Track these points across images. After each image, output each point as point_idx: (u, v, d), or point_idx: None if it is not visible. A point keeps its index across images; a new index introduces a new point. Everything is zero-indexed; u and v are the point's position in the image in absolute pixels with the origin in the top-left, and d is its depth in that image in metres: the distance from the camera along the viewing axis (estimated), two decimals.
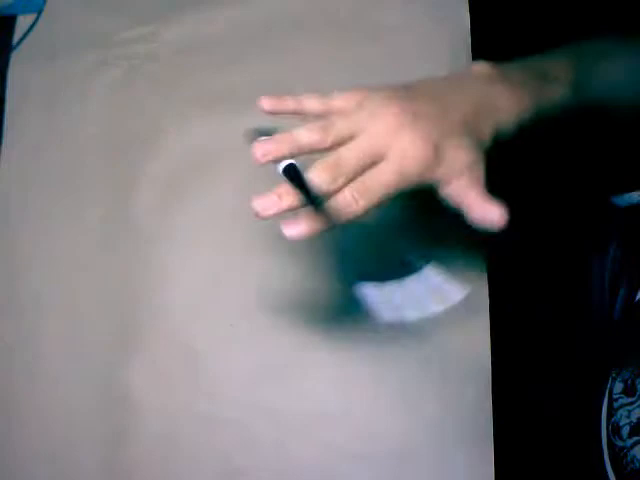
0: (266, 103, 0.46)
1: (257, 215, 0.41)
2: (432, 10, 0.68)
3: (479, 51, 0.66)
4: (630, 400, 0.51)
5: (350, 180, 0.41)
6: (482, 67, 0.46)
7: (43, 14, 0.72)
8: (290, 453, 0.57)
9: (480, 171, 0.42)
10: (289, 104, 0.46)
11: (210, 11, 0.70)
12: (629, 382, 0.52)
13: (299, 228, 0.40)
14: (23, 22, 0.71)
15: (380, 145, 0.41)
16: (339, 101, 0.45)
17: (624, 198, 0.72)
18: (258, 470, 0.56)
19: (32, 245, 0.64)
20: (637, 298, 0.61)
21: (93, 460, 0.58)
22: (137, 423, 0.58)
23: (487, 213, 0.41)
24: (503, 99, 0.43)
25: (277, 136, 0.43)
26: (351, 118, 0.43)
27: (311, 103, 0.45)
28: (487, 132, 0.42)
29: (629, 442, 0.50)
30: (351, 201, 0.40)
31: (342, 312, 0.59)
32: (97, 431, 0.58)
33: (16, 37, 0.71)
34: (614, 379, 0.55)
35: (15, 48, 0.70)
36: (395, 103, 0.42)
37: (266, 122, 0.65)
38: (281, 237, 0.46)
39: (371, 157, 0.41)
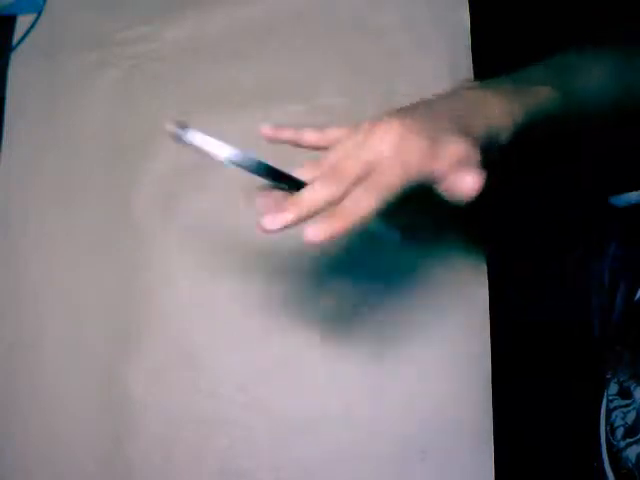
0: (266, 131, 0.48)
1: (264, 231, 0.41)
2: (432, 10, 0.68)
3: (479, 51, 0.66)
4: (625, 402, 0.51)
5: (351, 187, 0.41)
6: (471, 83, 0.48)
7: (43, 14, 0.72)
8: (290, 453, 0.57)
9: (473, 168, 0.42)
10: (288, 134, 0.48)
11: (210, 11, 0.70)
12: (624, 385, 0.52)
13: (319, 230, 0.39)
14: (23, 22, 0.71)
15: (376, 151, 0.41)
16: (335, 132, 0.46)
17: (623, 198, 0.72)
18: (258, 470, 0.56)
19: (32, 245, 0.64)
20: (636, 298, 0.61)
21: (93, 460, 0.58)
22: (137, 423, 0.58)
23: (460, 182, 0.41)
24: (492, 104, 0.45)
25: (291, 202, 0.41)
26: (347, 144, 0.43)
27: (309, 135, 0.47)
28: (479, 132, 0.43)
29: (622, 443, 0.50)
30: (362, 200, 0.40)
31: (343, 312, 0.59)
32: (97, 431, 0.59)
33: (16, 37, 0.71)
34: (609, 380, 0.55)
35: (15, 48, 0.70)
36: (386, 116, 0.43)
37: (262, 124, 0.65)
38: (280, 237, 0.47)
39: (368, 164, 0.41)
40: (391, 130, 0.41)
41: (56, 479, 0.58)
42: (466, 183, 0.41)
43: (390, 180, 0.41)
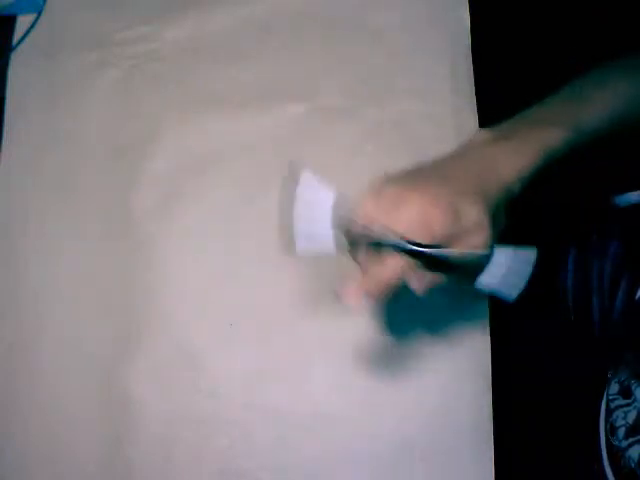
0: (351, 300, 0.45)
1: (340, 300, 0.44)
2: (432, 10, 0.68)
3: (479, 51, 0.66)
4: (626, 402, 0.51)
5: None
6: (482, 134, 0.47)
7: (43, 14, 0.72)
8: (290, 453, 0.57)
9: (485, 228, 0.43)
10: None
11: (210, 11, 0.70)
12: (625, 384, 0.52)
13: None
14: (23, 22, 0.71)
15: (404, 228, 0.42)
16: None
17: (623, 198, 0.72)
18: (258, 470, 0.56)
19: (32, 245, 0.64)
20: (637, 297, 0.61)
21: (93, 460, 0.58)
22: (137, 423, 0.58)
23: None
24: (504, 160, 0.45)
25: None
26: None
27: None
28: (493, 192, 0.44)
29: (625, 443, 0.50)
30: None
31: (342, 312, 0.59)
32: (97, 431, 0.59)
33: (16, 37, 0.71)
34: (610, 379, 0.55)
35: (15, 48, 0.70)
36: (404, 189, 0.43)
37: (266, 126, 0.65)
38: (280, 238, 0.47)
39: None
40: (413, 207, 0.42)
41: (56, 479, 0.58)
42: (476, 242, 0.43)
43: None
